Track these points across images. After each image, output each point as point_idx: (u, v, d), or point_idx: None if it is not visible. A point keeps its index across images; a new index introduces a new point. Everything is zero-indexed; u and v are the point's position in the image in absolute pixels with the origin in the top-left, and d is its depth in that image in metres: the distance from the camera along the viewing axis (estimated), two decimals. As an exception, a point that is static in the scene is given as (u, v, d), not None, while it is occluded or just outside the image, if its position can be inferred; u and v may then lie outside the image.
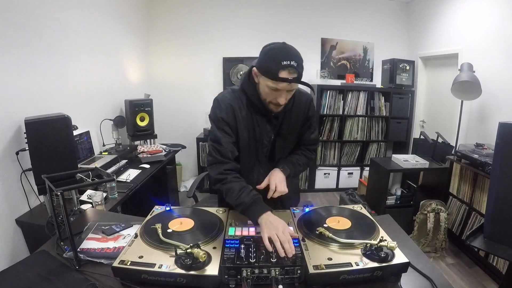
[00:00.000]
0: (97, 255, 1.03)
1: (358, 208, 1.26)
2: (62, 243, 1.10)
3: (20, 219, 1.71)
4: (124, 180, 2.20)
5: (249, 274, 0.86)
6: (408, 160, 2.87)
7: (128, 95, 3.12)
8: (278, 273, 0.86)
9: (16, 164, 1.68)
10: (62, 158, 1.46)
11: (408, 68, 3.82)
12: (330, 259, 0.90)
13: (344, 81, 3.89)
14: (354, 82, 3.90)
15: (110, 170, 2.19)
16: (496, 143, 1.28)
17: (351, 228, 1.08)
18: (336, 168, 4.09)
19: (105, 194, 1.85)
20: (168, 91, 3.93)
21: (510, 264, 1.46)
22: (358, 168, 4.11)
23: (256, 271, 0.86)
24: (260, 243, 0.96)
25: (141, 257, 0.90)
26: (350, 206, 1.28)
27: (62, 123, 1.48)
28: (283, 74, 1.03)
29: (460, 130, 2.94)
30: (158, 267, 0.86)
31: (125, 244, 1.03)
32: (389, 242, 0.92)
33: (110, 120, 2.74)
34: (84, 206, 1.73)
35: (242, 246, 0.95)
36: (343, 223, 1.11)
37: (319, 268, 0.85)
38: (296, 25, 3.95)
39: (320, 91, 3.76)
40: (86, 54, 2.46)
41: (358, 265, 0.87)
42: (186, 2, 3.78)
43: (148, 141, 3.19)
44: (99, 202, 1.71)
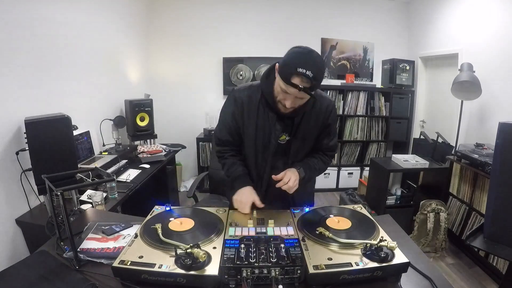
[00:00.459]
0: (97, 255, 1.03)
1: (358, 208, 1.26)
2: (62, 243, 1.10)
3: (20, 219, 1.71)
4: (124, 180, 2.20)
5: (249, 274, 0.86)
6: (408, 160, 2.87)
7: (128, 95, 3.12)
8: (278, 273, 0.86)
9: (16, 164, 1.68)
10: (62, 158, 1.46)
11: (408, 68, 3.82)
12: (330, 259, 0.90)
13: (344, 81, 3.90)
14: (354, 82, 3.90)
15: (110, 170, 2.19)
16: (496, 143, 1.28)
17: (351, 228, 1.08)
18: (336, 168, 4.08)
19: (105, 194, 1.85)
20: (168, 91, 3.93)
21: (510, 264, 1.46)
22: (358, 168, 4.11)
23: (256, 271, 0.86)
24: (260, 243, 0.96)
25: (141, 257, 0.90)
26: (350, 206, 1.28)
27: (62, 123, 1.48)
28: (296, 80, 1.03)
29: (460, 130, 2.94)
30: (158, 267, 0.86)
31: (125, 244, 1.03)
32: (389, 242, 0.92)
33: (110, 120, 2.74)
34: (84, 206, 1.73)
35: (242, 246, 0.95)
36: (343, 223, 1.11)
37: (319, 268, 0.85)
38: (296, 25, 3.95)
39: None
40: (86, 54, 2.46)
41: (358, 265, 0.87)
42: (186, 2, 3.78)
43: (148, 141, 3.19)
44: (99, 202, 1.71)
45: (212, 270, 0.86)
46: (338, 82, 3.90)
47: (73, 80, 2.29)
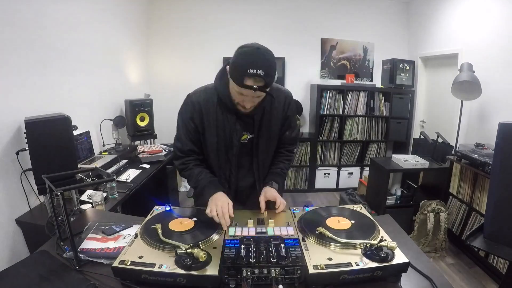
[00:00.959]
0: (97, 255, 1.03)
1: (358, 208, 1.26)
2: (62, 243, 1.10)
3: (20, 219, 1.71)
4: (124, 180, 2.20)
5: (249, 274, 0.86)
6: (408, 160, 2.87)
7: (128, 95, 3.12)
8: (278, 273, 0.86)
9: (16, 164, 1.68)
10: (62, 158, 1.46)
11: (408, 68, 3.82)
12: (330, 259, 0.89)
13: (344, 81, 3.90)
14: (354, 82, 3.90)
15: (110, 170, 2.19)
16: (496, 143, 1.28)
17: (351, 228, 1.08)
18: (336, 168, 4.09)
19: (105, 194, 1.85)
20: (168, 91, 3.93)
21: (510, 264, 1.46)
22: (358, 168, 4.11)
23: (256, 271, 0.86)
24: (260, 243, 0.96)
25: (141, 257, 0.90)
26: (350, 206, 1.28)
27: (62, 123, 1.48)
28: (249, 82, 1.02)
29: (460, 130, 2.94)
30: (158, 267, 0.86)
31: (125, 244, 1.03)
32: (389, 242, 0.92)
33: (110, 120, 2.73)
34: (84, 206, 1.73)
35: (242, 246, 0.95)
36: (343, 223, 1.11)
37: (319, 268, 0.85)
38: (296, 25, 3.95)
39: (320, 91, 3.76)
40: (86, 54, 2.46)
41: (358, 265, 0.87)
42: (186, 2, 3.78)
43: (148, 141, 3.19)
44: (99, 202, 1.71)
45: (212, 270, 0.86)
46: (338, 82, 3.90)
47: (73, 80, 2.29)
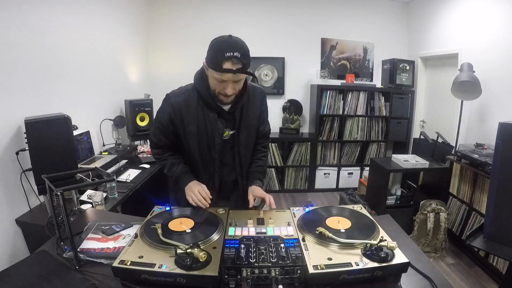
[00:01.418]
0: (97, 255, 1.03)
1: (358, 208, 1.26)
2: (62, 243, 1.10)
3: (20, 219, 1.71)
4: (124, 180, 2.20)
5: (249, 274, 0.86)
6: (408, 160, 2.87)
7: (128, 95, 3.12)
8: (278, 273, 0.86)
9: (16, 164, 1.68)
10: (62, 158, 1.46)
11: (408, 68, 3.82)
12: (330, 259, 0.89)
13: (344, 81, 3.89)
14: (354, 82, 3.90)
15: (110, 170, 2.19)
16: (496, 143, 1.28)
17: (351, 228, 1.08)
18: (336, 168, 4.09)
19: (105, 194, 1.85)
20: (168, 91, 3.90)
21: (510, 264, 1.46)
22: (358, 168, 4.11)
23: (256, 271, 0.86)
24: (260, 243, 0.97)
25: (141, 257, 0.90)
26: (350, 206, 1.28)
27: (62, 123, 1.48)
28: (227, 65, 1.08)
29: (460, 130, 2.93)
30: (158, 267, 0.86)
31: (125, 244, 1.03)
32: (389, 242, 0.92)
33: (110, 120, 2.73)
34: (84, 206, 1.73)
35: (242, 246, 0.95)
36: (343, 223, 1.11)
37: (319, 268, 0.85)
38: (296, 25, 3.95)
39: (320, 91, 3.76)
40: (86, 54, 2.46)
41: (358, 265, 0.87)
42: (186, 3, 3.78)
43: (148, 141, 3.19)
44: (99, 202, 1.71)
45: (212, 270, 0.86)
46: (338, 82, 3.90)
47: (73, 80, 2.29)
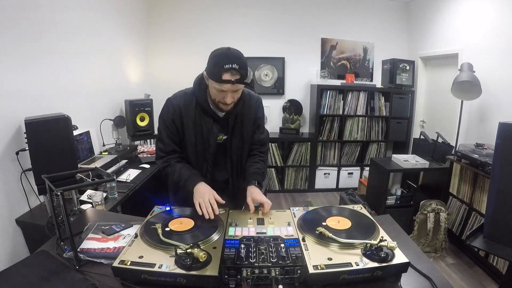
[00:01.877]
0: (97, 255, 1.03)
1: (358, 208, 1.26)
2: (62, 243, 1.10)
3: (20, 219, 1.71)
4: (124, 180, 2.20)
5: (249, 274, 0.86)
6: (408, 160, 2.87)
7: (128, 95, 3.12)
8: (278, 273, 0.86)
9: (16, 164, 1.68)
10: (62, 158, 1.46)
11: (408, 68, 3.82)
12: (330, 259, 0.89)
13: (344, 81, 3.89)
14: (354, 82, 3.90)
15: (110, 170, 2.19)
16: (496, 143, 1.28)
17: (351, 228, 1.08)
18: (336, 168, 4.08)
19: (105, 194, 1.85)
20: (168, 91, 3.85)
21: (510, 264, 1.46)
22: (358, 168, 4.11)
23: (256, 271, 0.86)
24: (260, 243, 0.97)
25: (141, 257, 0.90)
26: (350, 206, 1.28)
27: (62, 123, 1.48)
28: (226, 76, 1.14)
29: (460, 130, 2.93)
30: (158, 267, 0.86)
31: (125, 244, 1.03)
32: (389, 242, 0.92)
33: (110, 120, 2.73)
34: (84, 206, 1.73)
35: (242, 246, 0.95)
36: (343, 223, 1.11)
37: (319, 268, 0.85)
38: (296, 25, 3.95)
39: (320, 91, 3.76)
40: (86, 54, 2.45)
41: (358, 265, 0.87)
42: (186, 4, 3.78)
43: (148, 141, 3.19)
44: (99, 202, 1.71)
45: (212, 270, 0.86)
46: (338, 82, 3.90)
47: (73, 80, 2.28)
